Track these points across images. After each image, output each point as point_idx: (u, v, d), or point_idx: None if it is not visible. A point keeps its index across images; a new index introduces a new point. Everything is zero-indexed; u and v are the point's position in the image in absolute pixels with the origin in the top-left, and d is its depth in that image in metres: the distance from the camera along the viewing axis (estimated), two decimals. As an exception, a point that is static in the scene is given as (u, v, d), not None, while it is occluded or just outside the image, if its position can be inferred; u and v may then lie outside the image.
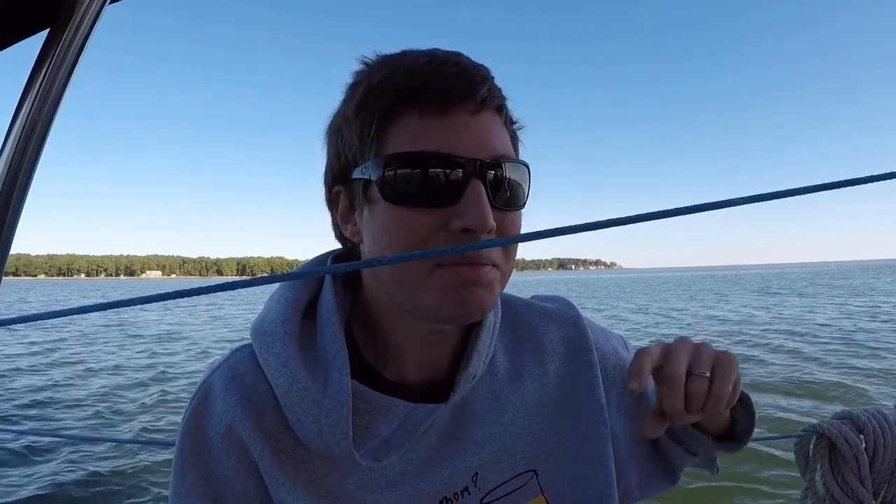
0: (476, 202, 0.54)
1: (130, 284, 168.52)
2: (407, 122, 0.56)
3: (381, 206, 0.57)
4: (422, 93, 0.56)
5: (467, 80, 0.56)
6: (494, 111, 0.59)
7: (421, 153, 0.55)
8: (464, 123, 0.56)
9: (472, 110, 0.57)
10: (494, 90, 0.59)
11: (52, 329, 17.88)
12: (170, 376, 10.12)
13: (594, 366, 0.75)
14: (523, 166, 0.61)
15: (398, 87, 0.57)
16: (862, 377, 8.41)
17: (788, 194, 0.32)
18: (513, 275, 0.62)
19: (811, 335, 13.51)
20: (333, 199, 0.65)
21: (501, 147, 0.58)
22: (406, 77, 0.57)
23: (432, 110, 0.56)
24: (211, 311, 27.83)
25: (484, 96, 0.57)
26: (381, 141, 0.57)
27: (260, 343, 0.62)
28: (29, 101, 0.63)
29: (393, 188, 0.55)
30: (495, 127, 0.59)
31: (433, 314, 0.58)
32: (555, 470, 0.70)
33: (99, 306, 0.40)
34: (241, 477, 0.60)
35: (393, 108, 0.57)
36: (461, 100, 0.56)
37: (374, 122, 0.57)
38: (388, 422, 0.62)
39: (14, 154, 0.64)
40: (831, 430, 0.89)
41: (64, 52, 0.62)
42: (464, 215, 0.54)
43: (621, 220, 0.34)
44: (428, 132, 0.56)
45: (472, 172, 0.55)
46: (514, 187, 0.59)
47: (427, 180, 0.55)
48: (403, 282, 0.57)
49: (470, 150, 0.56)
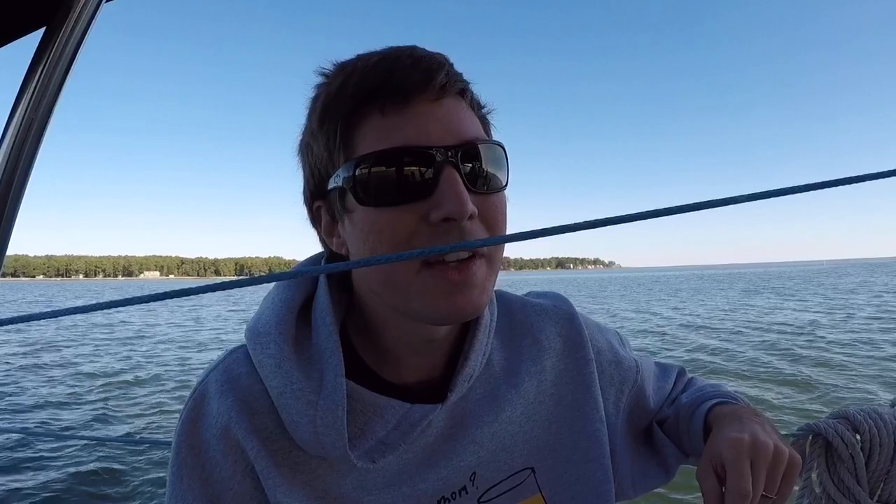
0: (451, 189, 0.53)
1: (128, 285, 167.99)
2: (370, 123, 0.56)
3: (359, 211, 0.56)
4: (380, 91, 0.55)
5: (422, 70, 0.55)
6: (456, 95, 0.58)
7: (388, 150, 0.54)
8: (427, 113, 0.55)
9: (433, 98, 0.56)
10: (453, 75, 0.58)
11: (47, 329, 17.82)
12: (167, 376, 10.10)
13: (590, 362, 0.75)
14: (497, 146, 0.60)
15: (356, 90, 0.56)
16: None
17: (785, 193, 0.32)
18: (511, 274, 0.62)
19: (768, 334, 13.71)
20: (315, 215, 0.65)
21: (470, 130, 0.57)
22: (362, 79, 0.56)
23: (393, 106, 0.55)
24: (196, 311, 27.76)
25: (442, 82, 0.56)
26: (347, 147, 0.57)
27: (255, 344, 0.62)
28: (25, 100, 0.63)
29: (367, 191, 0.55)
30: (460, 112, 0.58)
31: (425, 316, 0.57)
32: (552, 467, 0.70)
33: (94, 306, 0.40)
34: (238, 478, 0.60)
35: (354, 112, 0.56)
36: (420, 90, 0.55)
37: (338, 128, 0.57)
38: (384, 422, 0.61)
39: (10, 153, 0.64)
40: (827, 429, 0.89)
41: (60, 50, 0.62)
42: (441, 204, 0.53)
43: (618, 219, 0.34)
44: (392, 129, 0.55)
45: (443, 160, 0.54)
46: (490, 169, 0.58)
47: (399, 176, 0.54)
48: (392, 283, 0.57)
49: (437, 139, 0.55)
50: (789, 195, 0.33)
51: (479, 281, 0.56)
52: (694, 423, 0.76)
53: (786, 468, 0.63)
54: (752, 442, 0.63)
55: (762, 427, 0.67)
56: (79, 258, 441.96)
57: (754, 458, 0.62)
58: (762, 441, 0.63)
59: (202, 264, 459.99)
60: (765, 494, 0.62)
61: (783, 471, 0.63)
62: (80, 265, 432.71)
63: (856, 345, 11.58)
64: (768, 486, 0.62)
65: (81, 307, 0.40)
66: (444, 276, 0.54)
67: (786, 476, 0.63)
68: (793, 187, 0.33)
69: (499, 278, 0.62)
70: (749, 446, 0.63)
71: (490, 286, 0.59)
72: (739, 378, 8.74)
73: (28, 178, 0.67)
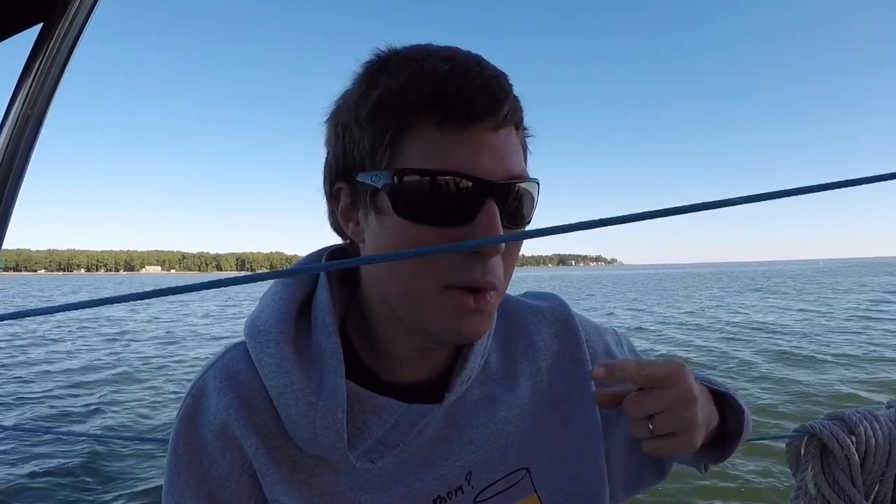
0: (489, 224, 0.53)
1: (130, 280, 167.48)
2: (424, 133, 0.54)
3: (392, 218, 0.55)
4: (443, 104, 0.53)
5: (491, 95, 0.54)
6: (513, 127, 0.57)
7: (438, 171, 0.53)
8: (483, 141, 0.54)
9: (493, 127, 0.54)
10: (515, 105, 0.57)
11: (46, 324, 17.75)
12: (165, 373, 10.08)
13: (586, 363, 0.75)
14: (535, 184, 0.59)
15: (418, 96, 0.53)
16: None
17: (787, 194, 0.32)
18: (514, 271, 0.62)
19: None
20: (334, 194, 0.63)
21: (517, 166, 0.57)
22: (427, 86, 0.53)
23: (453, 124, 0.53)
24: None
25: (506, 113, 0.54)
26: (395, 151, 0.55)
27: (254, 342, 0.62)
28: (22, 96, 0.62)
29: (405, 203, 0.54)
30: (513, 145, 0.57)
31: (431, 334, 0.58)
32: (547, 468, 0.70)
33: (91, 302, 0.40)
34: (236, 476, 0.60)
35: (410, 118, 0.54)
36: (484, 116, 0.53)
37: (390, 130, 0.54)
38: (382, 422, 0.61)
39: (7, 149, 0.63)
40: (823, 430, 0.89)
41: (57, 46, 0.61)
42: (476, 237, 0.53)
43: (619, 219, 0.34)
44: (446, 148, 0.53)
45: (487, 194, 0.53)
46: (524, 206, 0.58)
47: (441, 198, 0.53)
48: (411, 296, 0.56)
49: (487, 170, 0.53)
50: (791, 196, 0.33)
51: (490, 310, 0.57)
52: None
53: (681, 429, 0.59)
54: (687, 379, 0.60)
55: (707, 413, 0.65)
56: (80, 252, 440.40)
57: (671, 383, 0.59)
58: (693, 396, 0.60)
59: (204, 259, 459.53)
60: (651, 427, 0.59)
61: (677, 426, 0.59)
62: (81, 259, 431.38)
63: (851, 345, 11.66)
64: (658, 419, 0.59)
65: (77, 303, 0.40)
66: (462, 301, 0.55)
67: (678, 434, 0.59)
68: (796, 189, 0.33)
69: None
70: (681, 374, 0.60)
71: (493, 316, 0.61)
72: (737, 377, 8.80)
73: (24, 174, 0.67)
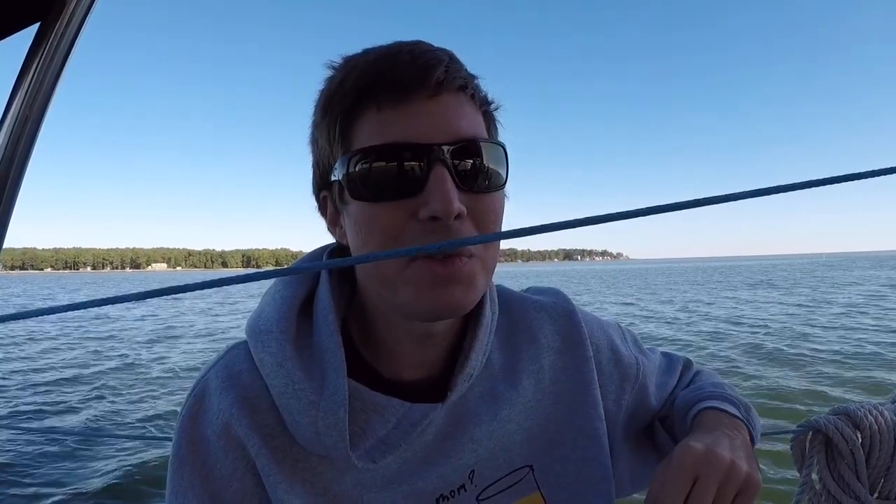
0: (438, 188, 0.53)
1: (135, 277, 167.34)
2: (367, 118, 0.56)
3: (353, 205, 0.57)
4: (377, 86, 0.55)
5: (420, 66, 0.55)
6: (456, 91, 0.57)
7: (380, 146, 0.54)
8: (422, 109, 0.55)
9: (429, 94, 0.55)
10: (454, 70, 0.57)
11: (45, 323, 17.82)
12: (167, 373, 10.11)
13: (589, 360, 0.75)
14: (496, 145, 0.59)
15: (355, 85, 0.56)
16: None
17: (789, 189, 0.32)
18: (518, 265, 0.61)
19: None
20: (322, 205, 0.65)
21: (466, 128, 0.56)
22: (362, 74, 0.56)
23: (388, 102, 0.55)
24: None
25: (440, 78, 0.55)
26: (345, 141, 0.57)
27: (256, 342, 0.62)
28: (20, 97, 0.62)
29: (359, 185, 0.55)
30: (458, 108, 0.57)
31: (411, 311, 0.57)
32: (550, 465, 0.70)
33: (93, 302, 0.40)
34: (239, 475, 0.60)
35: (352, 107, 0.56)
36: (415, 86, 0.55)
37: (338, 122, 0.57)
38: (384, 421, 0.61)
39: (6, 149, 0.63)
40: (827, 425, 0.89)
41: (55, 46, 0.61)
42: (429, 203, 0.53)
43: (623, 215, 0.33)
44: (386, 124, 0.55)
45: (434, 158, 0.54)
46: (485, 169, 0.57)
47: (390, 172, 0.54)
48: (381, 278, 0.57)
49: (430, 136, 0.54)
50: (794, 191, 0.32)
51: (465, 276, 0.55)
52: (685, 425, 0.75)
53: (741, 487, 0.59)
54: (705, 454, 0.59)
55: (731, 442, 0.63)
56: (87, 250, 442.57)
57: (702, 472, 0.58)
58: (718, 454, 0.59)
59: (209, 256, 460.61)
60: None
61: (736, 489, 0.58)
62: (87, 257, 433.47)
63: (852, 340, 11.64)
64: (718, 502, 0.58)
65: (79, 303, 0.40)
66: (429, 269, 0.54)
67: (740, 496, 0.58)
68: (799, 183, 0.32)
69: (506, 269, 0.61)
70: (698, 458, 0.58)
71: (480, 284, 0.58)
72: (738, 374, 8.80)
73: (24, 173, 0.67)
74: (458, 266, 0.54)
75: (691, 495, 0.57)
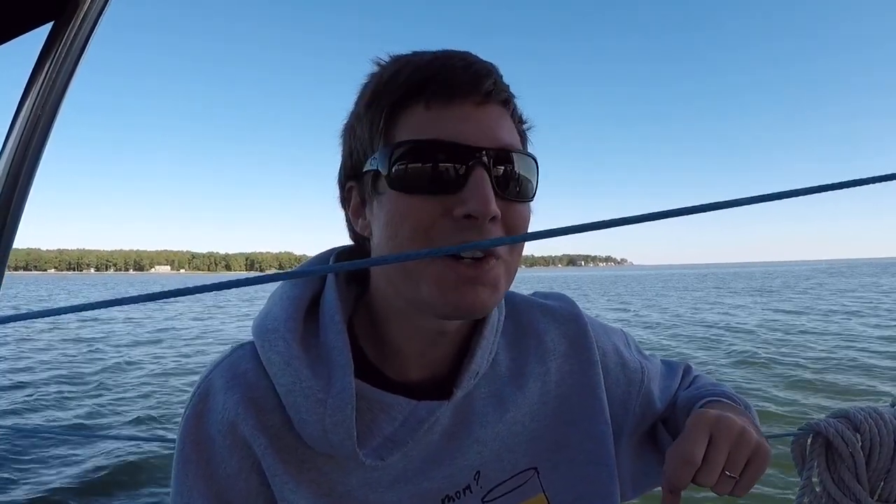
0: (478, 188, 0.55)
1: (139, 279, 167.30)
2: (414, 113, 0.58)
3: (388, 194, 0.58)
4: (428, 85, 0.57)
5: (472, 74, 0.58)
6: (500, 104, 0.60)
7: (426, 141, 0.56)
8: (469, 113, 0.58)
9: (477, 102, 0.58)
10: (500, 84, 0.60)
11: (49, 324, 17.80)
12: (171, 372, 10.09)
13: (595, 364, 0.75)
14: (530, 159, 0.61)
15: (407, 81, 0.58)
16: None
17: (794, 194, 0.33)
18: (522, 271, 0.62)
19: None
20: (346, 195, 0.67)
21: (507, 138, 0.59)
22: (414, 71, 0.59)
23: (438, 101, 0.57)
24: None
25: (489, 89, 0.58)
26: (389, 132, 0.59)
27: (262, 341, 0.62)
28: (32, 96, 0.63)
29: (399, 176, 0.57)
30: (501, 120, 0.60)
31: (433, 309, 0.58)
32: (556, 468, 0.70)
33: (93, 305, 0.40)
34: (244, 475, 0.60)
35: (401, 101, 0.59)
36: (466, 91, 0.57)
37: (384, 114, 0.59)
38: (391, 419, 0.62)
39: (17, 149, 0.64)
40: (828, 428, 0.89)
41: (68, 45, 0.62)
42: (466, 202, 0.54)
43: (628, 220, 0.34)
44: (433, 121, 0.57)
45: (476, 160, 0.56)
46: (520, 179, 0.59)
47: (432, 167, 0.56)
48: (406, 271, 0.58)
49: (474, 139, 0.57)
50: (798, 196, 0.33)
51: (491, 280, 0.57)
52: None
53: (752, 452, 0.61)
54: (717, 417, 0.62)
55: (739, 416, 0.66)
56: (90, 252, 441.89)
57: (715, 433, 0.61)
58: (730, 419, 0.62)
59: (213, 259, 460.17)
60: (729, 475, 0.60)
61: (748, 453, 0.61)
62: (91, 259, 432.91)
63: (853, 343, 11.63)
64: (730, 465, 0.60)
65: (81, 305, 0.40)
66: (457, 269, 0.56)
67: (752, 461, 0.61)
68: (802, 189, 0.33)
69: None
70: (712, 420, 0.62)
71: (503, 288, 0.60)
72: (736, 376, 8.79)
73: (34, 174, 0.67)
74: (485, 269, 0.57)
75: (706, 452, 0.60)
